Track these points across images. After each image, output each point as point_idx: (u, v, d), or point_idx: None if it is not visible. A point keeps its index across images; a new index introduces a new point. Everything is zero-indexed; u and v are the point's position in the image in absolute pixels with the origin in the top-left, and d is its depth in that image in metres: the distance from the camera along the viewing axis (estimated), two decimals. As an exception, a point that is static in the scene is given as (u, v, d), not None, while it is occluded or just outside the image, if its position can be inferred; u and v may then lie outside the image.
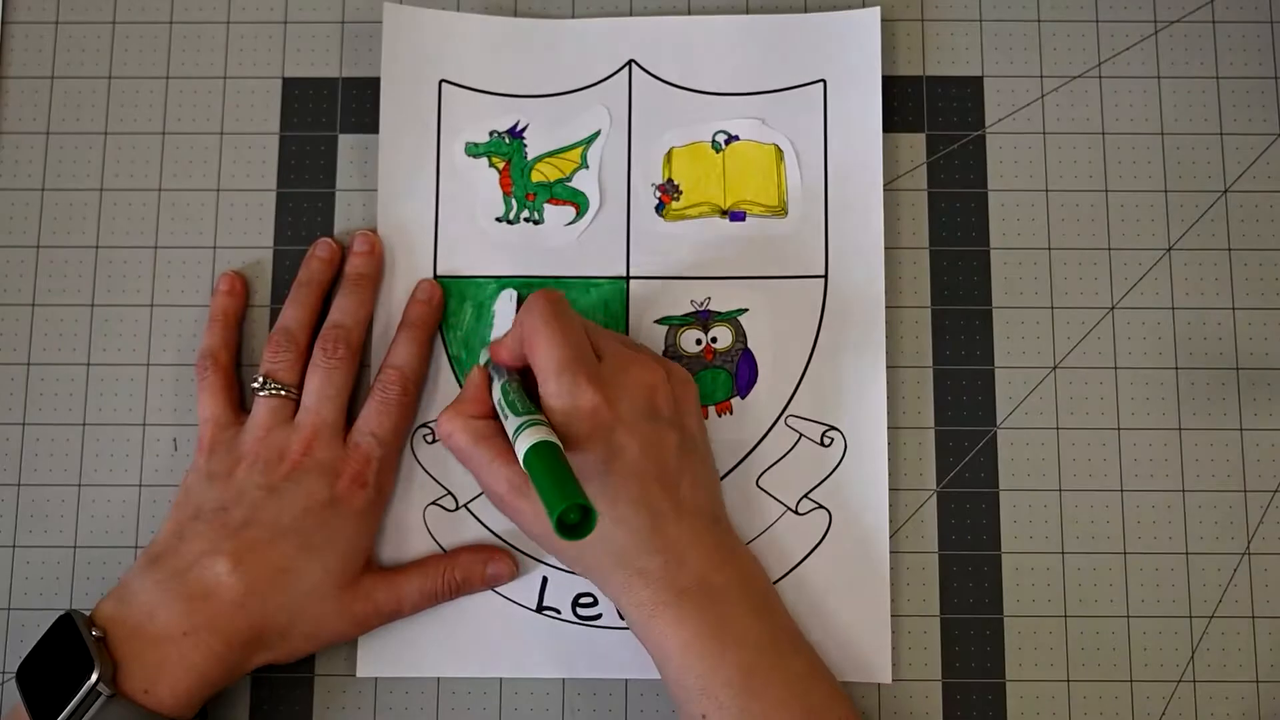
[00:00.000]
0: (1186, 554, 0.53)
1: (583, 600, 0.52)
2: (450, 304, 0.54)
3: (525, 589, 0.52)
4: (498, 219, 0.55)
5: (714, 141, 0.55)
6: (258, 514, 0.47)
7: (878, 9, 0.55)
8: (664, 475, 0.47)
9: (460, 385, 0.53)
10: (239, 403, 0.52)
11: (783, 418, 0.53)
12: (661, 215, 0.55)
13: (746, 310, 0.54)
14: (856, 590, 0.52)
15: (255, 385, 0.50)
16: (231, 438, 0.50)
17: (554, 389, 0.46)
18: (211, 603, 0.46)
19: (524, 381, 0.48)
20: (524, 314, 0.48)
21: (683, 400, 0.49)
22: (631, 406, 0.47)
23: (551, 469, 0.42)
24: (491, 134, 0.55)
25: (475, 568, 0.51)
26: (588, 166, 0.55)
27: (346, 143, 0.56)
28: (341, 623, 0.49)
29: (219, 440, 0.50)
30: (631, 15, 0.56)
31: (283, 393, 0.50)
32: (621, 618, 0.50)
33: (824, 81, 0.55)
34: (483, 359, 0.51)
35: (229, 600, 0.46)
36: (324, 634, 0.49)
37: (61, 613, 0.47)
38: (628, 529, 0.46)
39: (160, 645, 0.45)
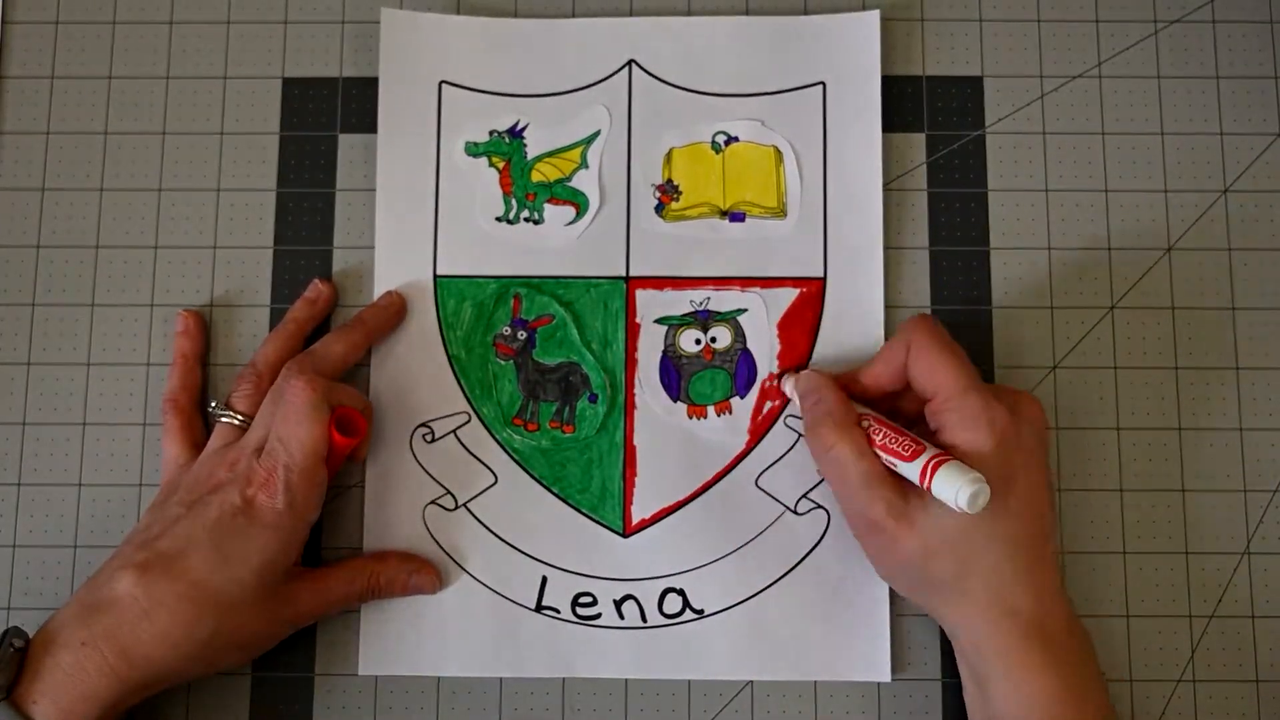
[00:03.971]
0: (1186, 554, 0.53)
1: (582, 600, 0.52)
2: (450, 304, 0.54)
3: (525, 589, 0.52)
4: (497, 219, 0.55)
5: (714, 142, 0.55)
6: (173, 527, 0.47)
7: (877, 12, 0.55)
8: (1040, 514, 0.46)
9: (460, 385, 0.53)
10: (200, 444, 0.52)
11: (782, 418, 0.53)
12: (661, 215, 0.55)
13: (746, 310, 0.54)
14: (856, 590, 0.52)
15: (211, 406, 0.51)
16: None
17: (963, 405, 0.45)
18: (113, 613, 0.45)
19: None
20: (914, 337, 0.47)
21: (1048, 443, 0.49)
22: (1031, 436, 0.47)
23: None
24: (491, 134, 0.55)
25: (400, 576, 0.51)
26: (587, 166, 0.55)
27: (346, 143, 0.56)
28: (268, 629, 0.48)
29: (176, 480, 0.50)
30: (631, 15, 0.56)
31: (236, 420, 0.50)
32: (955, 670, 0.49)
33: (823, 84, 0.55)
34: (788, 384, 0.52)
35: (132, 611, 0.45)
36: (253, 642, 0.48)
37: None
38: (1011, 557, 0.45)
39: (57, 654, 0.44)
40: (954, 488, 0.43)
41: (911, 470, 0.45)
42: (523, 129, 0.55)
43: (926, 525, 0.45)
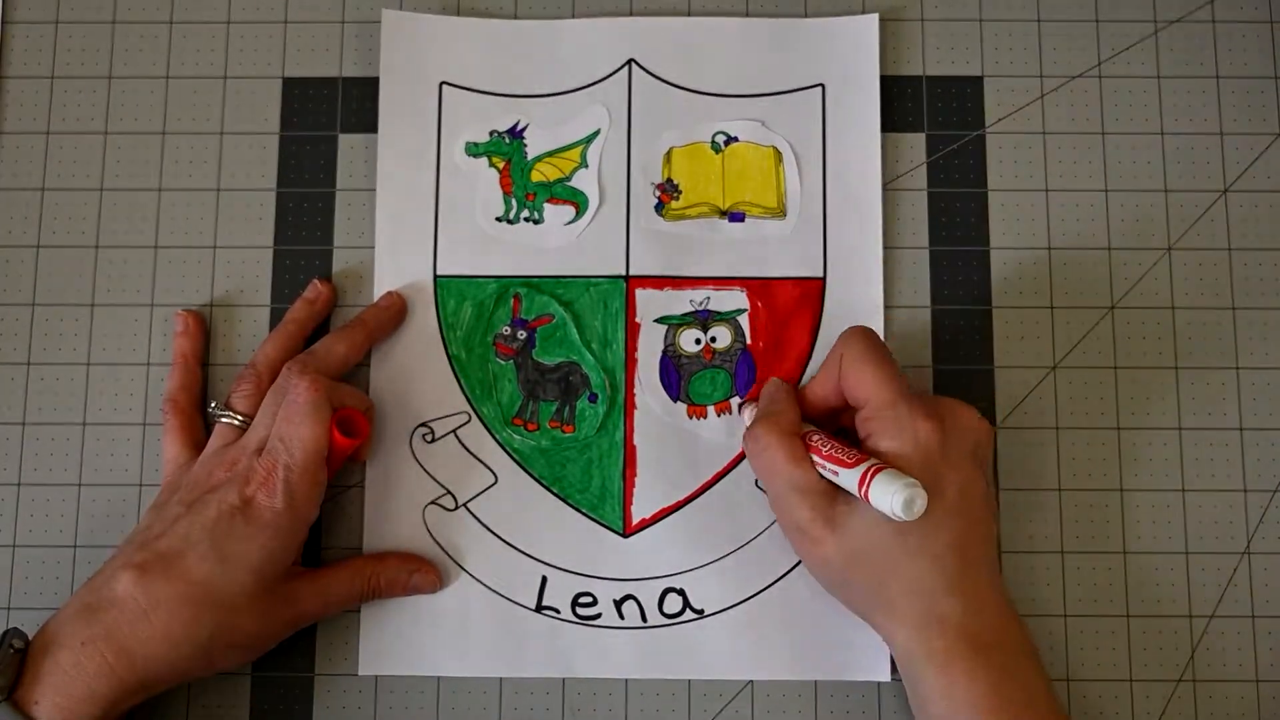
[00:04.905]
0: (1186, 554, 0.53)
1: (582, 600, 0.52)
2: (450, 304, 0.54)
3: (525, 589, 0.52)
4: (498, 218, 0.55)
5: (713, 142, 0.55)
6: (173, 528, 0.47)
7: (876, 15, 0.56)
8: (974, 522, 0.46)
9: (460, 385, 0.53)
10: (200, 444, 0.52)
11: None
12: (661, 215, 0.55)
13: (745, 310, 0.54)
14: (856, 590, 0.52)
15: (211, 407, 0.51)
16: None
17: (889, 417, 0.46)
18: (112, 613, 0.45)
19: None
20: (845, 349, 0.48)
21: (989, 449, 0.49)
22: (959, 447, 0.46)
23: None
24: (491, 134, 0.55)
25: (400, 576, 0.51)
26: (587, 166, 0.55)
27: (346, 143, 0.56)
28: (267, 629, 0.48)
29: (176, 481, 0.50)
30: (631, 15, 0.56)
31: (236, 420, 0.50)
32: (893, 670, 0.49)
33: (823, 86, 0.55)
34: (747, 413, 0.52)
35: (132, 611, 0.45)
36: (251, 643, 0.48)
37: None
38: (939, 569, 0.45)
39: (57, 655, 0.44)
40: (889, 493, 0.43)
41: (851, 476, 0.45)
42: (523, 129, 0.55)
43: (848, 533, 0.45)
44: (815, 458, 0.47)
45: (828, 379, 0.49)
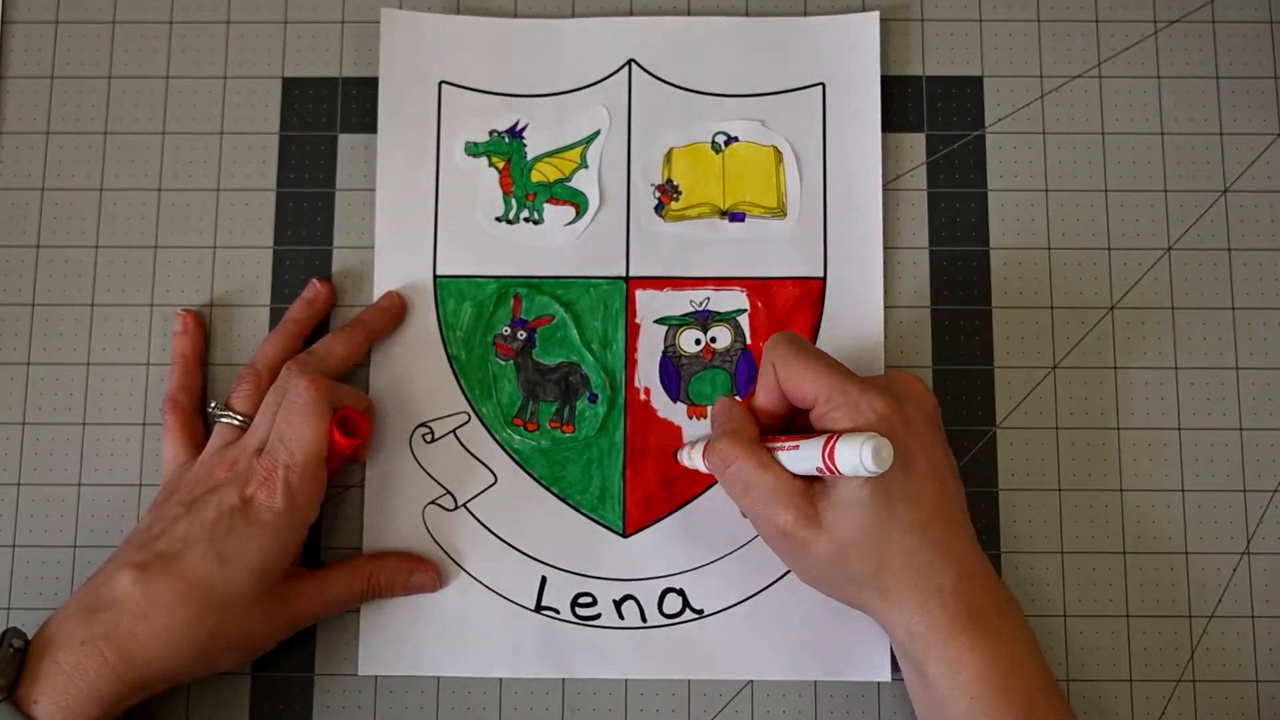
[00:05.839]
0: (1186, 554, 0.53)
1: (581, 600, 0.52)
2: (450, 304, 0.54)
3: (525, 589, 0.52)
4: (497, 219, 0.55)
5: (714, 142, 0.55)
6: (172, 527, 0.47)
7: (876, 13, 0.56)
8: (947, 486, 0.46)
9: (460, 385, 0.53)
10: (200, 444, 0.52)
11: (782, 418, 0.53)
12: (661, 215, 0.55)
13: (745, 310, 0.54)
14: (856, 590, 0.52)
15: (210, 407, 0.51)
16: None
17: (842, 402, 0.45)
18: (112, 613, 0.45)
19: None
20: (774, 357, 0.47)
21: (939, 416, 0.49)
22: (916, 416, 0.46)
23: None
24: (491, 133, 0.55)
25: (400, 575, 0.51)
26: (587, 166, 0.55)
27: (346, 143, 0.56)
28: (266, 629, 0.48)
29: (176, 481, 0.50)
30: (631, 15, 0.56)
31: (235, 421, 0.50)
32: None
33: (823, 85, 0.55)
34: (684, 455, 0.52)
35: (131, 611, 0.45)
36: (251, 644, 0.48)
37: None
38: (927, 538, 0.45)
39: (56, 655, 0.44)
40: (855, 448, 0.42)
41: (813, 450, 0.44)
42: (523, 129, 0.55)
43: (836, 525, 0.45)
44: (779, 453, 0.46)
45: (768, 390, 0.48)
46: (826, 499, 0.45)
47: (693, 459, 0.51)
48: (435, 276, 0.54)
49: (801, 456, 0.45)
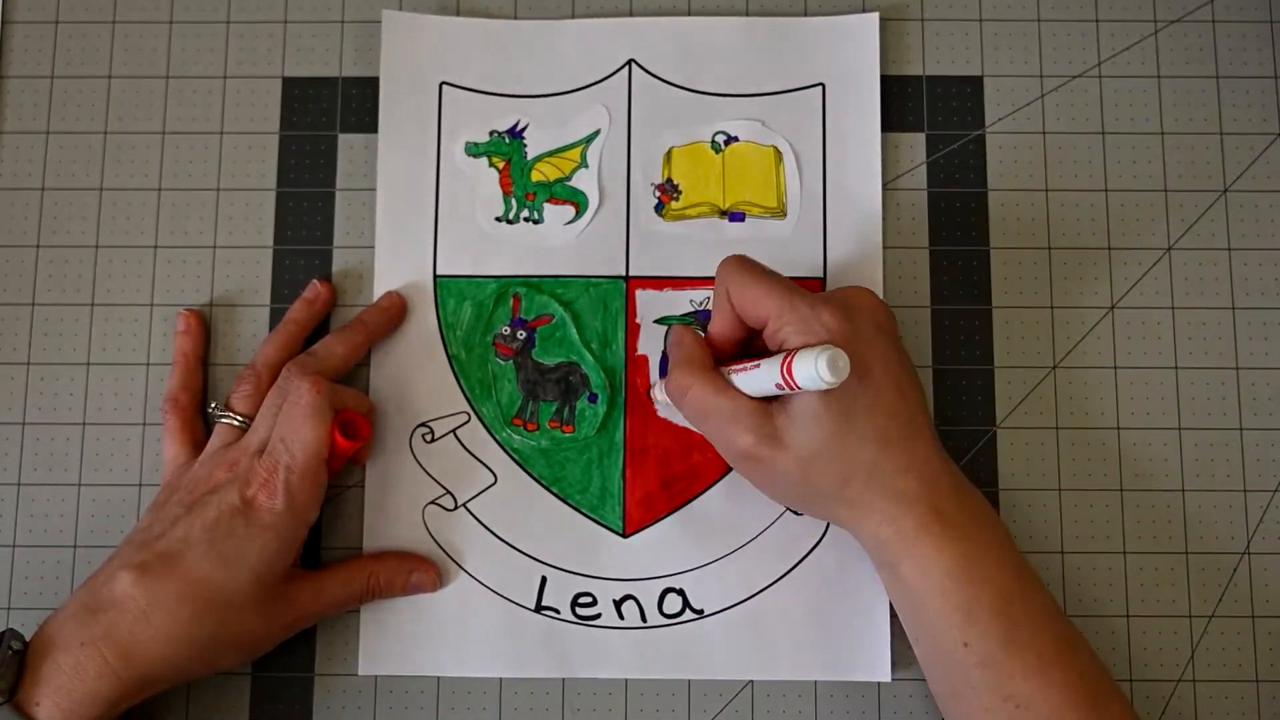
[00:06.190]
0: (1186, 554, 0.53)
1: (581, 600, 0.52)
2: (450, 304, 0.54)
3: (525, 589, 0.52)
4: (497, 218, 0.55)
5: (714, 142, 0.55)
6: (173, 528, 0.47)
7: (876, 14, 0.56)
8: (904, 390, 0.46)
9: (460, 385, 0.53)
10: (200, 444, 0.52)
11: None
12: (661, 215, 0.55)
13: (746, 310, 0.54)
14: (856, 589, 0.52)
15: (210, 407, 0.51)
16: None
17: (792, 319, 0.45)
18: (112, 614, 0.45)
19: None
20: (726, 280, 0.48)
21: (894, 323, 0.49)
22: (867, 325, 0.46)
23: None
24: (491, 133, 0.55)
25: (399, 575, 0.51)
26: (587, 166, 0.55)
27: (346, 143, 0.56)
28: (267, 629, 0.48)
29: (176, 481, 0.50)
30: (631, 15, 0.56)
31: (236, 421, 0.50)
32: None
33: (823, 85, 0.55)
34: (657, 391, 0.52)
35: (131, 611, 0.45)
36: (251, 644, 0.48)
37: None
38: (885, 444, 0.45)
39: (56, 656, 0.44)
40: (811, 360, 0.42)
41: (772, 365, 0.44)
42: (523, 129, 0.55)
43: (796, 441, 0.45)
44: (735, 378, 0.46)
45: (722, 315, 0.48)
46: (785, 415, 0.45)
47: (660, 395, 0.52)
48: (435, 276, 0.54)
49: (762, 375, 0.45)
